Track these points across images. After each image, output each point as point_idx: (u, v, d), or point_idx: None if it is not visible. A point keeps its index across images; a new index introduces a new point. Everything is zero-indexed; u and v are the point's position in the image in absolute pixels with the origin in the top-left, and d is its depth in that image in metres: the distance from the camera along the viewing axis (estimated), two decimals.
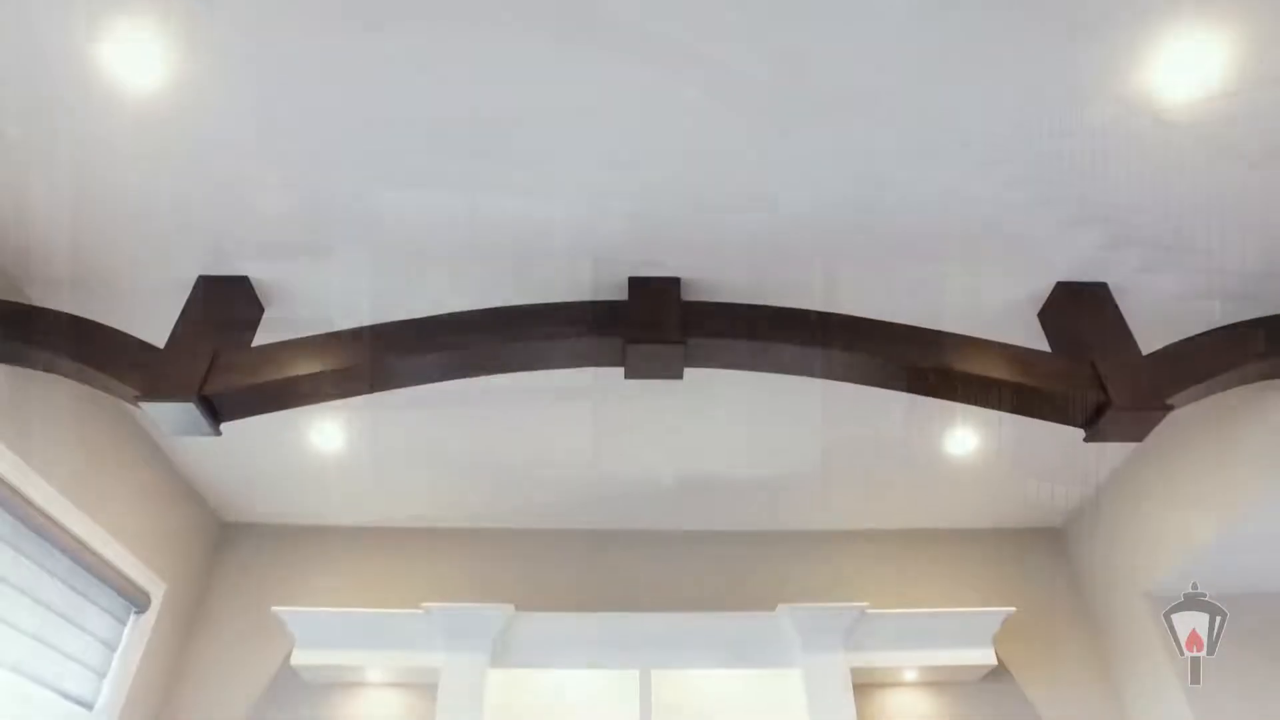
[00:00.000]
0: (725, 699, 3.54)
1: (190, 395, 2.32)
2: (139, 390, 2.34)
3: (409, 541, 4.05)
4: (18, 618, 2.76)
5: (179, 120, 2.13)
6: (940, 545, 4.08)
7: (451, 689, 3.31)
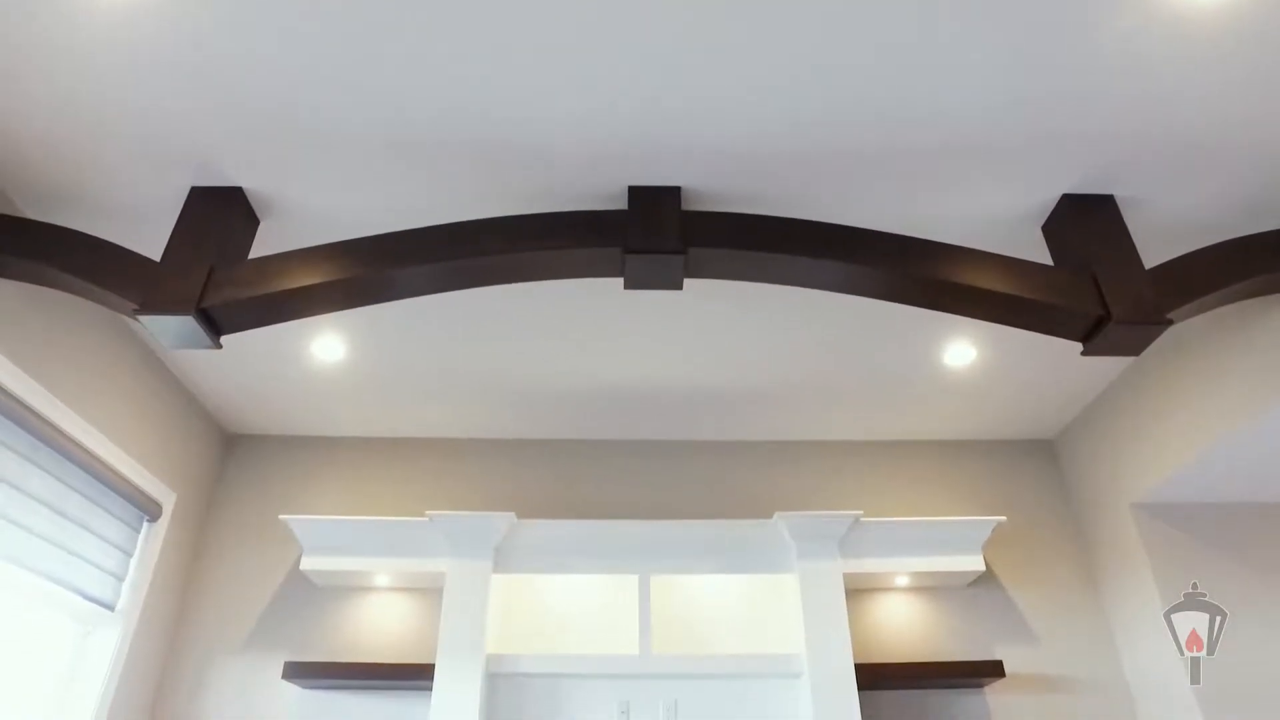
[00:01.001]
0: (722, 603, 3.67)
1: (189, 308, 2.32)
2: (137, 304, 2.34)
3: (412, 452, 4.13)
4: (39, 526, 2.87)
5: (164, 27, 2.05)
6: (934, 456, 4.16)
7: (456, 593, 3.43)
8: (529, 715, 3.35)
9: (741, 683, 3.41)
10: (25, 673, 3.01)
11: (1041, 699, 3.55)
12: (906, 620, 3.74)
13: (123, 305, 2.39)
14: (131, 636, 3.34)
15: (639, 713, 3.36)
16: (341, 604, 3.73)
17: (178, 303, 2.34)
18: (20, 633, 2.96)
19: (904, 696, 3.54)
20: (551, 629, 3.58)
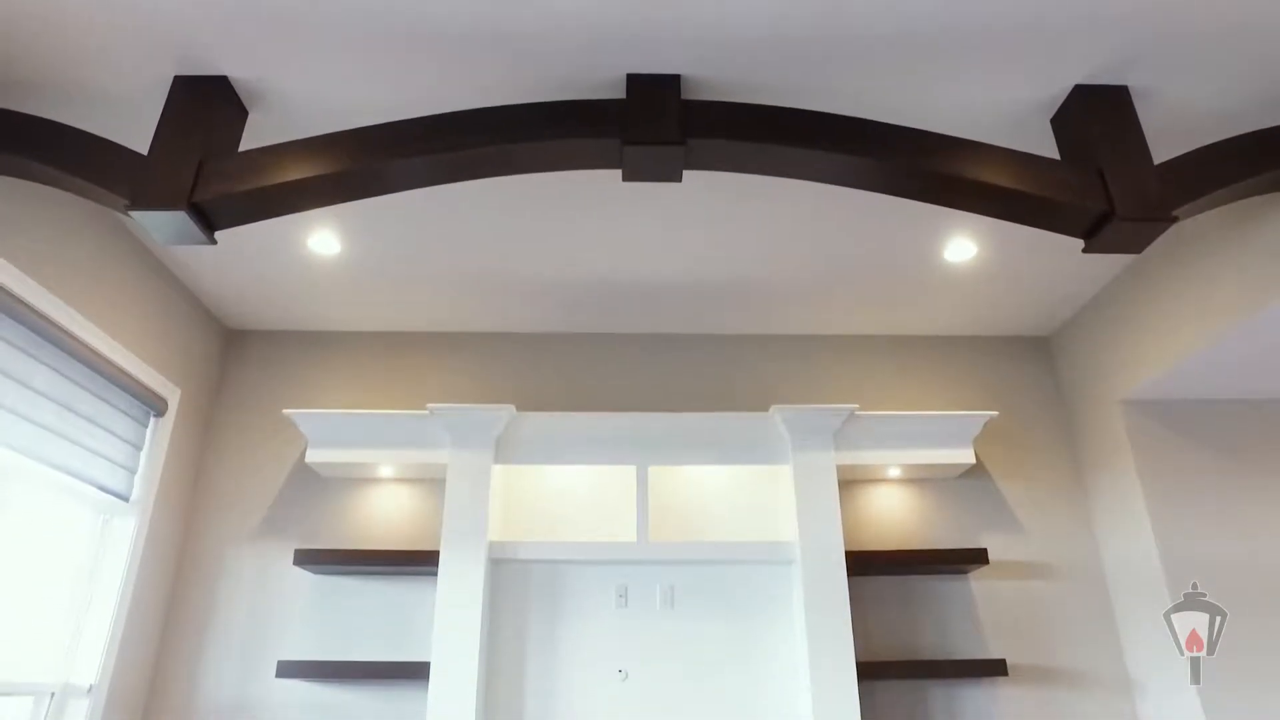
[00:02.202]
0: (718, 493, 3.77)
1: (180, 203, 2.29)
2: (127, 199, 2.31)
3: (412, 345, 4.15)
4: (50, 421, 2.93)
5: None
6: (930, 351, 4.19)
7: (458, 483, 3.52)
8: (531, 599, 3.51)
9: (735, 568, 3.56)
10: (54, 559, 3.14)
11: (1022, 584, 3.71)
12: (896, 510, 3.86)
13: (113, 201, 2.36)
14: (148, 526, 3.46)
15: (636, 597, 3.52)
16: (348, 494, 3.84)
17: (169, 198, 2.30)
18: (44, 522, 3.07)
19: (891, 582, 3.69)
20: (552, 518, 3.70)
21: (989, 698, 3.51)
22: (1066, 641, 3.61)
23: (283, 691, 3.47)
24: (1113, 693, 3.53)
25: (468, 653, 3.24)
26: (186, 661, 3.54)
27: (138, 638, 3.41)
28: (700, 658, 3.42)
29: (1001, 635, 3.61)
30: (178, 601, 3.64)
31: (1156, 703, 3.38)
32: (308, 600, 3.63)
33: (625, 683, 3.38)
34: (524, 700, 3.35)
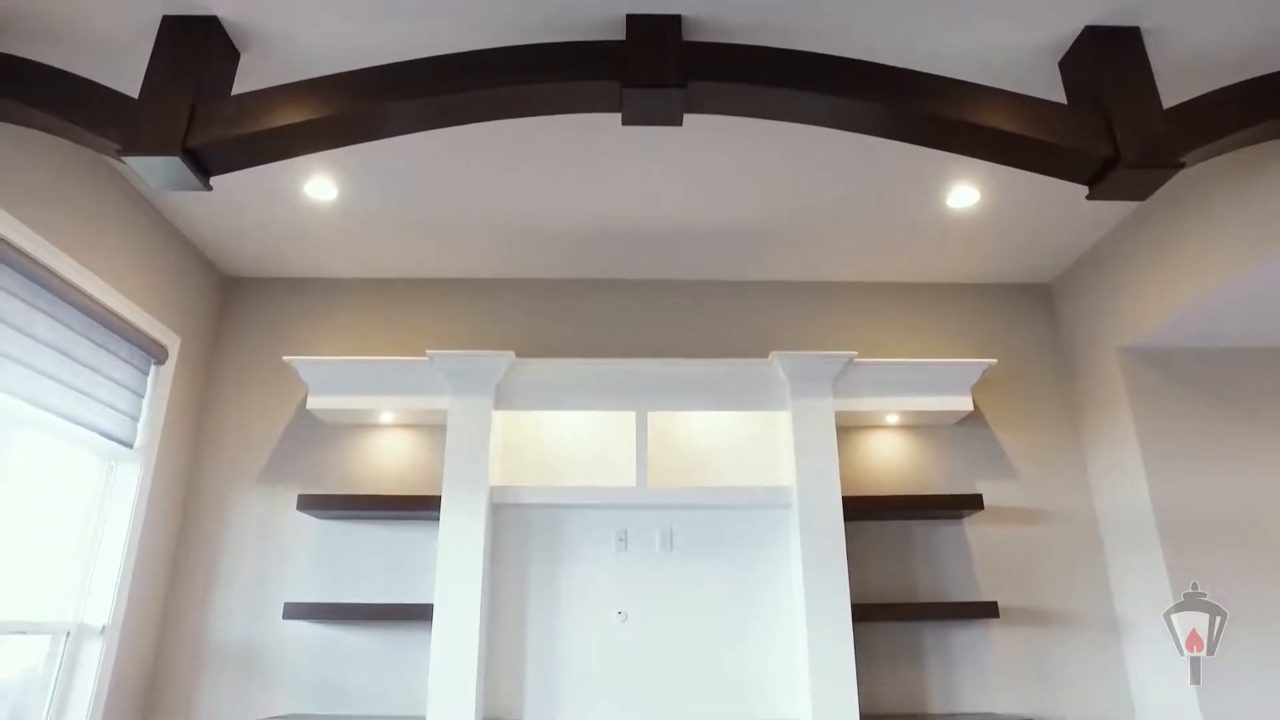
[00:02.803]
0: (717, 439, 3.80)
1: (174, 149, 2.25)
2: (119, 144, 2.27)
3: (411, 292, 4.14)
4: (51, 369, 2.94)
5: None
6: (930, 298, 4.18)
7: (458, 429, 3.55)
8: (531, 543, 3.57)
9: (734, 513, 3.61)
10: (62, 505, 3.19)
11: (1016, 529, 3.77)
12: (894, 456, 3.90)
13: (105, 146, 2.32)
14: (152, 472, 3.49)
15: (636, 540, 3.58)
16: (349, 440, 3.87)
17: (162, 143, 2.27)
18: (51, 469, 3.11)
19: (888, 527, 3.75)
20: (552, 463, 3.73)
21: (980, 638, 3.59)
22: (1057, 584, 3.68)
23: (290, 632, 3.55)
24: (1101, 633, 3.62)
25: (470, 595, 3.30)
26: (195, 603, 3.61)
27: (147, 580, 3.47)
28: (698, 600, 3.49)
29: (994, 578, 3.68)
30: (185, 545, 3.70)
31: (1143, 642, 3.46)
32: (312, 544, 3.69)
33: (624, 624, 3.45)
34: (525, 641, 3.43)
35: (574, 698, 3.36)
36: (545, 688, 3.37)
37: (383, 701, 3.47)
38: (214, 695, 3.48)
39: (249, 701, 3.46)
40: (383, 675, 3.50)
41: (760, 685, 3.38)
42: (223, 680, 3.50)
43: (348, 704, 3.46)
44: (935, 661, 3.57)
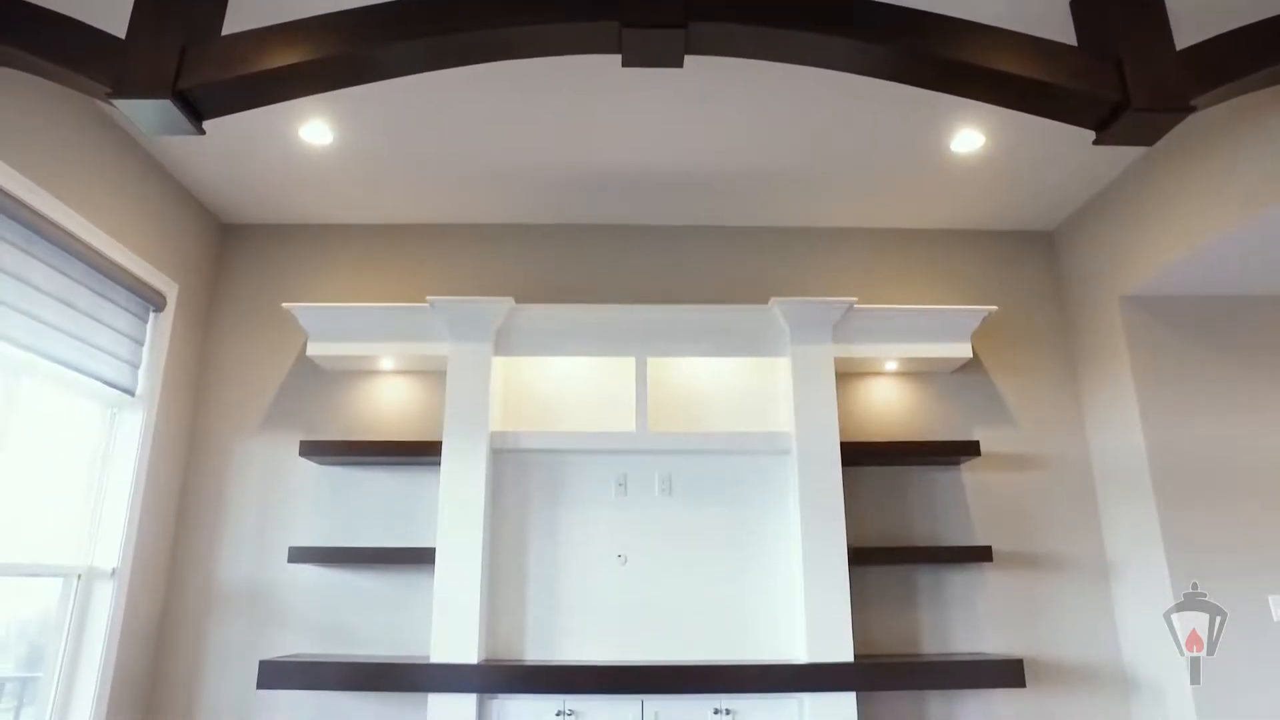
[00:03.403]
0: (716, 384, 3.82)
1: (165, 91, 2.21)
2: (109, 87, 2.22)
3: (410, 238, 4.11)
4: (51, 317, 2.94)
5: None
6: (932, 245, 4.15)
7: (458, 375, 3.56)
8: (532, 488, 3.61)
9: (733, 458, 3.64)
10: (68, 451, 3.22)
11: (1012, 475, 3.81)
12: (892, 402, 3.92)
13: (94, 89, 2.28)
14: (155, 419, 3.52)
15: (635, 485, 3.62)
16: (350, 386, 3.89)
17: (152, 85, 2.22)
18: (55, 416, 3.13)
19: (885, 472, 3.79)
20: (552, 408, 3.75)
21: (974, 582, 3.66)
22: (1051, 529, 3.74)
23: (295, 575, 3.61)
24: (1091, 577, 3.69)
25: (471, 539, 3.35)
26: (202, 547, 3.67)
27: (154, 525, 3.52)
28: (697, 543, 3.54)
29: (989, 523, 3.74)
30: (190, 491, 3.74)
31: (1131, 585, 3.54)
32: (314, 490, 3.73)
33: (624, 567, 3.51)
34: (526, 584, 3.49)
35: (574, 638, 3.43)
36: (546, 628, 3.45)
37: (387, 642, 3.55)
38: (223, 636, 3.56)
39: (257, 642, 3.54)
40: (387, 617, 3.58)
41: (757, 626, 3.45)
42: (231, 621, 3.58)
43: (353, 644, 3.55)
44: (929, 604, 3.64)
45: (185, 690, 3.50)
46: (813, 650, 3.25)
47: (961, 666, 3.29)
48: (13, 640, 3.03)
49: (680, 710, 3.25)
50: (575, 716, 3.23)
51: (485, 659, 3.33)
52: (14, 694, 3.02)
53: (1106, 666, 3.58)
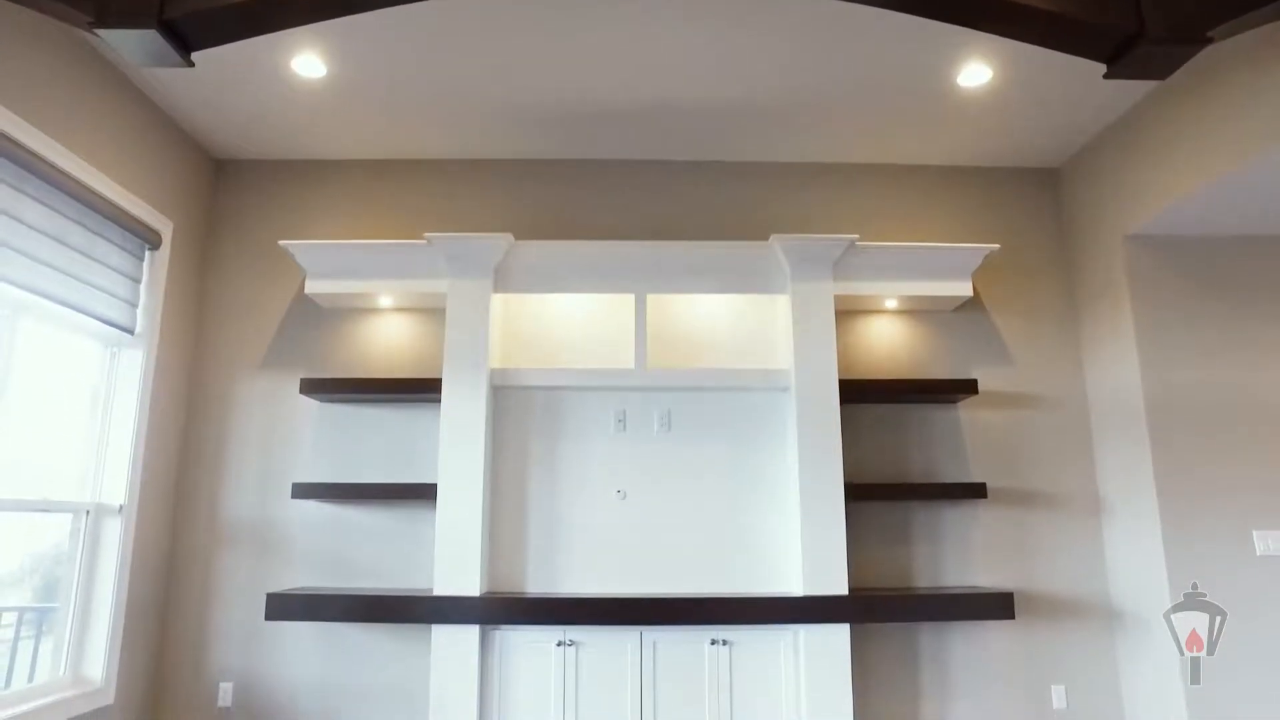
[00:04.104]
0: (715, 322, 3.81)
1: (149, 20, 2.15)
2: (91, 15, 2.16)
3: (407, 174, 4.05)
4: (45, 255, 2.91)
5: None
6: (935, 182, 4.09)
7: (458, 312, 3.55)
8: (532, 424, 3.63)
9: (731, 395, 3.66)
10: (71, 391, 3.24)
11: (1008, 413, 3.83)
12: (891, 341, 3.92)
13: (76, 18, 2.21)
14: (155, 357, 3.52)
15: (635, 422, 3.64)
16: (349, 324, 3.88)
17: (136, 14, 2.16)
18: (56, 356, 3.14)
19: (883, 410, 3.81)
20: (552, 345, 3.76)
21: (968, 517, 3.72)
22: (1045, 467, 3.78)
23: (299, 511, 3.67)
24: (1083, 513, 3.74)
25: (472, 474, 3.40)
26: (207, 484, 3.72)
27: (158, 462, 3.56)
28: (695, 479, 3.59)
29: (985, 461, 3.78)
30: (192, 428, 3.78)
31: (1121, 521, 3.60)
32: (316, 427, 3.77)
33: (624, 502, 3.57)
34: (527, 518, 3.55)
35: (574, 570, 3.51)
36: (547, 562, 3.51)
37: (391, 576, 3.63)
38: (230, 570, 3.64)
39: (264, 575, 3.62)
40: (390, 551, 3.65)
41: (754, 560, 3.52)
42: (238, 556, 3.65)
43: (357, 578, 3.63)
44: (923, 539, 3.71)
45: (196, 621, 3.60)
46: (808, 583, 3.32)
47: (953, 599, 3.37)
48: (28, 573, 3.10)
49: (678, 641, 3.34)
50: (576, 646, 3.32)
51: (487, 591, 3.41)
52: (33, 623, 3.11)
53: (1094, 600, 3.67)
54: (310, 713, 3.51)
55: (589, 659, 3.33)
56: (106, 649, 3.21)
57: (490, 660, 3.31)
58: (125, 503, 3.32)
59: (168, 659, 3.57)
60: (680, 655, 3.34)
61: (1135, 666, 3.51)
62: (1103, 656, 3.62)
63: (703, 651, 3.34)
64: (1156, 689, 3.36)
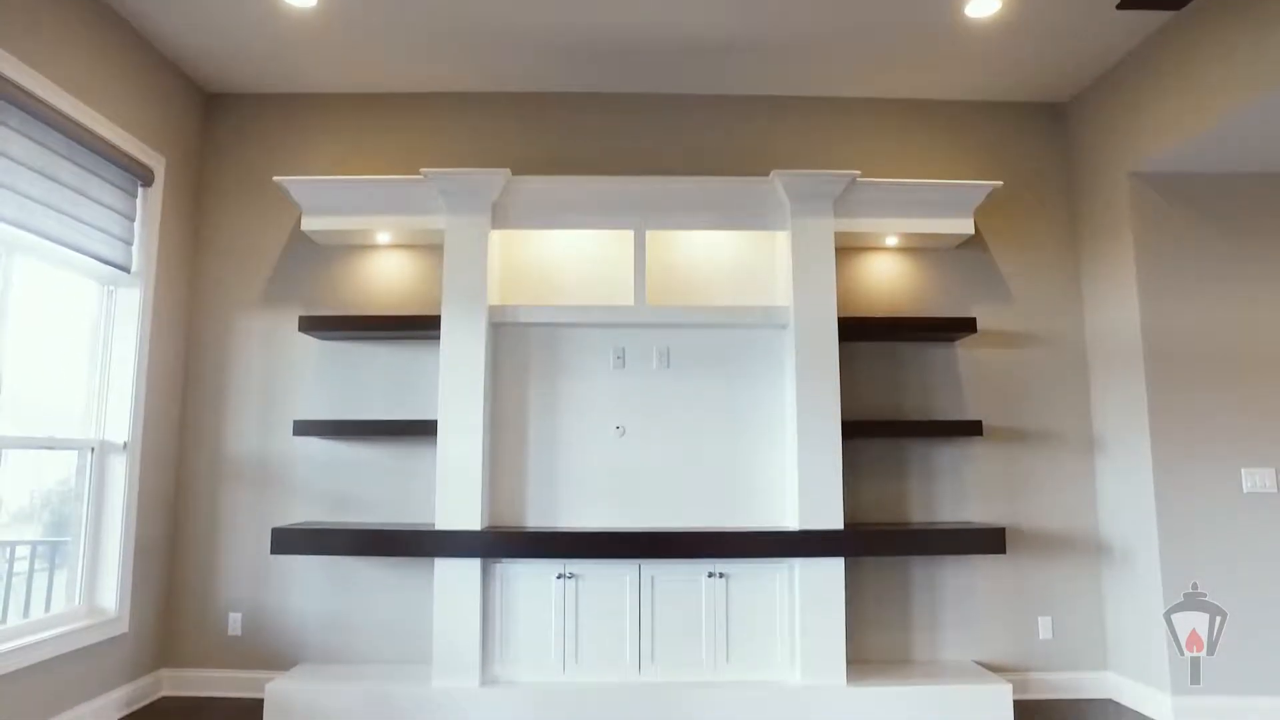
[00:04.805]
0: (715, 258, 3.79)
1: None
2: None
3: (403, 107, 3.97)
4: (35, 192, 2.87)
5: None
6: (939, 117, 4.01)
7: (456, 248, 3.53)
8: (531, 361, 3.65)
9: (730, 332, 3.67)
10: (71, 329, 3.25)
11: (1006, 351, 3.84)
12: (891, 278, 3.90)
13: None
14: (153, 295, 3.52)
15: (634, 358, 3.66)
16: (346, 261, 3.87)
17: None
18: (54, 295, 3.14)
19: (881, 347, 3.83)
20: (551, 282, 3.75)
21: (963, 454, 3.77)
22: (1041, 405, 3.81)
23: (301, 447, 3.72)
24: (1077, 451, 3.79)
25: (472, 411, 3.43)
26: (209, 421, 3.76)
27: (160, 400, 3.60)
28: (694, 415, 3.62)
29: (981, 399, 3.80)
30: (193, 366, 3.80)
31: (1114, 458, 3.64)
32: (315, 364, 3.79)
33: (623, 438, 3.61)
34: (527, 454, 3.59)
35: (574, 505, 3.57)
36: (546, 496, 3.57)
37: (393, 510, 3.70)
38: (235, 505, 3.71)
39: (268, 511, 3.69)
40: (392, 486, 3.71)
41: (751, 495, 3.58)
42: (242, 492, 3.72)
43: (361, 513, 3.70)
44: (918, 476, 3.76)
45: (204, 555, 3.69)
46: (804, 518, 3.39)
47: (945, 534, 3.44)
48: (39, 508, 3.16)
49: (676, 574, 3.42)
50: (575, 579, 3.41)
51: (488, 526, 3.48)
52: (46, 557, 3.19)
53: (1083, 535, 3.74)
54: (318, 642, 3.62)
55: (588, 591, 3.41)
56: (118, 581, 3.30)
57: (492, 592, 3.40)
58: (129, 440, 3.36)
59: (178, 591, 3.67)
60: (678, 588, 3.42)
61: (1119, 599, 3.60)
62: (1089, 590, 3.71)
63: (700, 584, 3.42)
64: (1139, 621, 3.46)
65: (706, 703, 3.26)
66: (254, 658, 3.61)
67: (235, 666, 3.61)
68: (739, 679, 3.37)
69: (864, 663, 3.57)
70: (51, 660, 2.92)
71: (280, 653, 3.62)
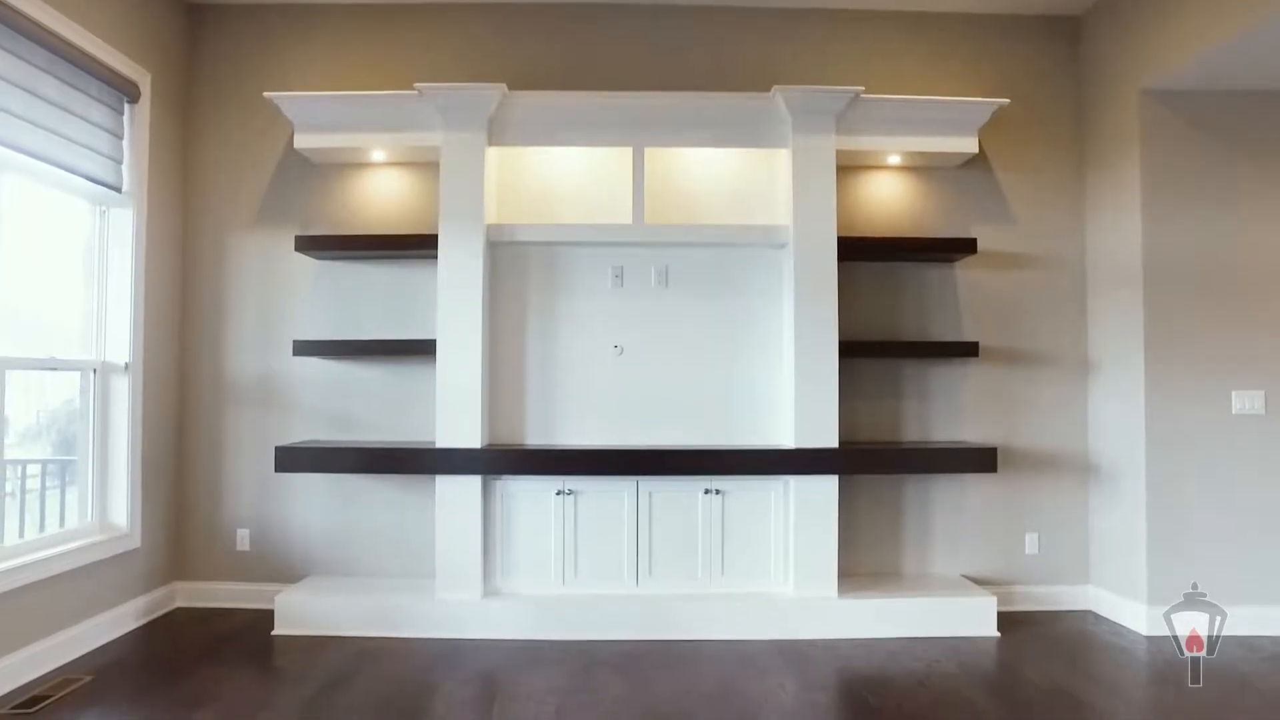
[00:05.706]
0: (714, 177, 3.74)
1: None
2: None
3: (396, 19, 3.84)
4: (17, 107, 2.79)
5: None
6: (946, 30, 3.87)
7: (452, 165, 3.48)
8: (529, 280, 3.64)
9: (729, 251, 3.64)
10: (65, 251, 3.24)
11: (1005, 273, 3.82)
12: (893, 198, 3.85)
13: None
14: (145, 215, 3.48)
15: (632, 277, 3.65)
16: (341, 180, 3.81)
17: None
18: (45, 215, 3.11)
19: (880, 268, 3.80)
20: (548, 201, 3.71)
21: (958, 375, 3.79)
22: (1038, 327, 3.82)
23: (301, 367, 3.75)
24: (1071, 374, 3.82)
25: (471, 330, 3.44)
26: (208, 342, 3.78)
27: (159, 321, 3.60)
28: (692, 334, 3.64)
29: (979, 320, 3.81)
30: (190, 286, 3.79)
31: (1107, 380, 3.67)
32: (312, 284, 3.78)
33: (621, 357, 3.63)
34: (526, 373, 3.62)
35: (573, 423, 3.62)
36: (545, 415, 3.62)
37: (393, 429, 3.75)
38: (237, 425, 3.76)
39: (271, 430, 3.75)
40: (392, 406, 3.76)
41: (747, 413, 3.62)
42: (244, 411, 3.77)
43: (361, 432, 3.75)
44: (913, 396, 3.80)
45: (210, 473, 3.76)
46: (800, 436, 3.44)
47: (938, 453, 3.50)
48: (45, 428, 3.22)
49: (673, 490, 3.50)
50: (574, 495, 3.49)
51: (488, 444, 3.53)
52: (55, 475, 3.26)
53: (1073, 455, 3.81)
54: (323, 557, 3.74)
55: (587, 507, 3.50)
56: (128, 498, 3.38)
57: (492, 509, 3.49)
58: (130, 360, 3.39)
59: (186, 508, 3.76)
60: (675, 504, 3.51)
61: (1104, 516, 3.69)
62: (1075, 507, 3.80)
63: (696, 501, 3.51)
64: (1122, 537, 3.55)
65: (702, 613, 3.38)
66: (262, 571, 3.73)
67: (245, 580, 3.73)
68: (733, 591, 3.49)
69: (855, 576, 3.69)
70: (70, 573, 3.03)
71: (288, 567, 3.73)
